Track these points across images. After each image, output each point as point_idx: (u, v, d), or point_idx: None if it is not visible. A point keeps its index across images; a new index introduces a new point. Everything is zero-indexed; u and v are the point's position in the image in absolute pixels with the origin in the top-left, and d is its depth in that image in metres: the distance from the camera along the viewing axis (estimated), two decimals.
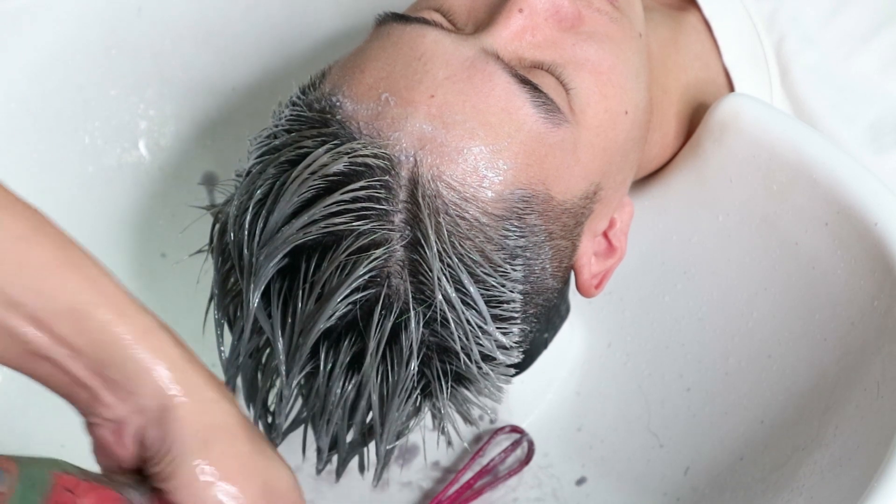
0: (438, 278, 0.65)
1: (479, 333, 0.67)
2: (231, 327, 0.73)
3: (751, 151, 0.79)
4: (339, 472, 0.75)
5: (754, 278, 0.80)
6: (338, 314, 0.65)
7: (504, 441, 0.87)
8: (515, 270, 0.68)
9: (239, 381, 0.74)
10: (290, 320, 0.67)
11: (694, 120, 0.84)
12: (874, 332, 0.73)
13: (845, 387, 0.74)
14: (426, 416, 0.73)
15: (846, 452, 0.70)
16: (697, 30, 0.87)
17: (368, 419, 0.70)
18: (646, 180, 0.86)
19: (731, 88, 0.87)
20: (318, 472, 0.75)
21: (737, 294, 0.82)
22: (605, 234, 0.76)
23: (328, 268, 0.65)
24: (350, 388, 0.68)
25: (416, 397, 0.69)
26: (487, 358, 0.69)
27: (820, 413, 0.75)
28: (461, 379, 0.70)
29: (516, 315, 0.69)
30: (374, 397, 0.67)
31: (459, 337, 0.66)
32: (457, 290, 0.66)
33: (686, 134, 0.85)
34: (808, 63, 0.87)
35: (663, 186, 0.85)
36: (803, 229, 0.77)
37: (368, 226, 0.65)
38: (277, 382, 0.72)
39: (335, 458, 0.74)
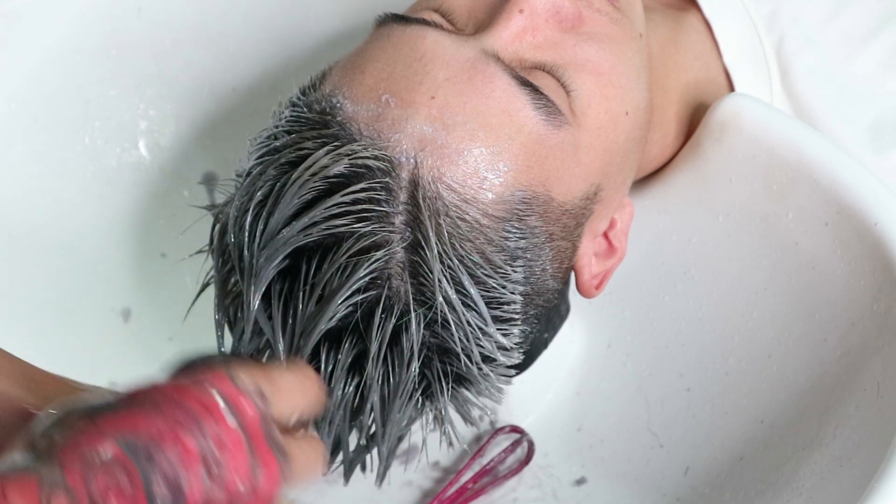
0: (439, 280, 0.65)
1: (480, 335, 0.67)
2: (231, 328, 0.73)
3: (751, 151, 0.79)
4: (347, 475, 0.75)
5: (754, 278, 0.80)
6: (338, 316, 0.65)
7: (504, 441, 0.87)
8: (516, 272, 0.68)
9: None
10: (290, 322, 0.67)
11: (694, 120, 0.84)
12: (874, 333, 0.73)
13: (845, 387, 0.74)
14: (428, 416, 0.73)
15: (846, 452, 0.70)
16: (697, 30, 0.87)
17: (370, 420, 0.70)
18: (646, 180, 0.86)
19: (732, 88, 0.87)
20: (324, 474, 0.75)
21: (737, 294, 0.82)
22: (605, 235, 0.76)
23: (329, 269, 0.65)
24: (351, 389, 0.68)
25: (417, 399, 0.69)
26: (488, 359, 0.69)
27: (820, 413, 0.75)
28: (461, 380, 0.70)
29: (517, 316, 0.69)
30: (376, 399, 0.67)
31: (460, 338, 0.66)
32: (457, 291, 0.66)
33: (686, 134, 0.84)
34: (808, 63, 0.87)
35: (663, 186, 0.85)
36: (803, 229, 0.77)
37: (369, 227, 0.65)
38: None
39: (337, 459, 0.74)
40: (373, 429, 0.70)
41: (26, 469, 0.47)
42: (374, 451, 0.73)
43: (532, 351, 0.78)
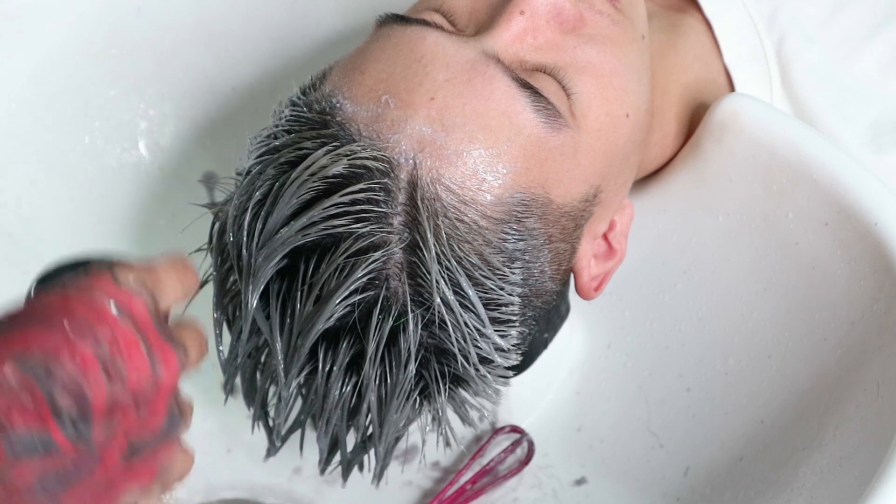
0: (437, 281, 0.65)
1: (477, 336, 0.67)
2: (230, 327, 0.73)
3: (751, 151, 0.79)
4: (346, 475, 0.75)
5: (754, 278, 0.80)
6: (336, 316, 0.65)
7: (504, 441, 0.87)
8: (514, 273, 0.68)
9: (238, 380, 0.74)
10: (288, 321, 0.67)
11: (694, 120, 0.84)
12: (874, 332, 0.73)
13: (845, 387, 0.74)
14: (426, 416, 0.73)
15: (846, 452, 0.70)
16: (697, 30, 0.87)
17: (367, 420, 0.70)
18: (646, 180, 0.86)
19: (732, 88, 0.87)
20: (322, 472, 0.75)
21: (737, 294, 0.82)
22: (604, 237, 0.75)
23: (327, 269, 0.65)
24: (348, 389, 0.68)
25: (415, 399, 0.69)
26: (485, 360, 0.69)
27: (820, 413, 0.75)
28: (459, 381, 0.70)
29: (514, 318, 0.69)
30: (373, 399, 0.67)
31: (457, 339, 0.66)
32: (455, 292, 0.66)
33: (686, 134, 0.84)
34: (808, 63, 0.87)
35: (663, 186, 0.85)
36: (803, 229, 0.77)
37: (367, 228, 0.64)
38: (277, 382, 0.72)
39: (335, 458, 0.74)
40: (370, 429, 0.70)
41: None
42: (373, 452, 0.73)
43: (532, 351, 0.78)
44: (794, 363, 0.78)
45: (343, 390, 0.68)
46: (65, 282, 0.52)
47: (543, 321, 0.74)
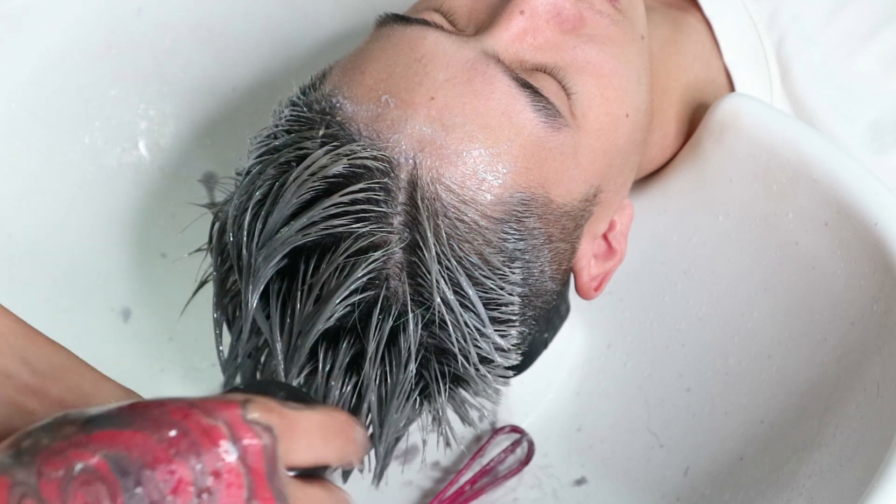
0: (437, 281, 0.65)
1: (477, 336, 0.67)
2: (230, 327, 0.73)
3: (751, 151, 0.79)
4: (346, 475, 0.75)
5: (754, 278, 0.80)
6: (336, 316, 0.65)
7: (504, 441, 0.87)
8: (514, 273, 0.68)
9: (238, 381, 0.74)
10: (288, 321, 0.67)
11: (694, 120, 0.84)
12: (874, 332, 0.73)
13: (845, 387, 0.74)
14: (426, 416, 0.73)
15: (846, 452, 0.70)
16: (697, 30, 0.87)
17: (367, 420, 0.70)
18: (646, 180, 0.86)
19: (732, 88, 0.87)
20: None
21: (737, 294, 0.81)
22: (604, 237, 0.75)
23: (327, 269, 0.65)
24: (348, 389, 0.68)
25: (415, 399, 0.69)
26: (485, 360, 0.69)
27: (820, 413, 0.75)
28: (459, 381, 0.70)
29: (514, 318, 0.69)
30: (373, 399, 0.67)
31: (457, 339, 0.66)
32: (455, 292, 0.66)
33: (686, 134, 0.84)
34: (808, 62, 0.87)
35: (663, 186, 0.85)
36: (803, 229, 0.77)
37: (367, 228, 0.65)
38: None
39: None
40: (370, 429, 0.70)
41: (1, 468, 0.44)
42: (372, 452, 0.73)
43: (532, 351, 0.78)
44: (794, 363, 0.78)
45: (343, 390, 0.68)
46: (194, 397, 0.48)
47: (543, 321, 0.74)
